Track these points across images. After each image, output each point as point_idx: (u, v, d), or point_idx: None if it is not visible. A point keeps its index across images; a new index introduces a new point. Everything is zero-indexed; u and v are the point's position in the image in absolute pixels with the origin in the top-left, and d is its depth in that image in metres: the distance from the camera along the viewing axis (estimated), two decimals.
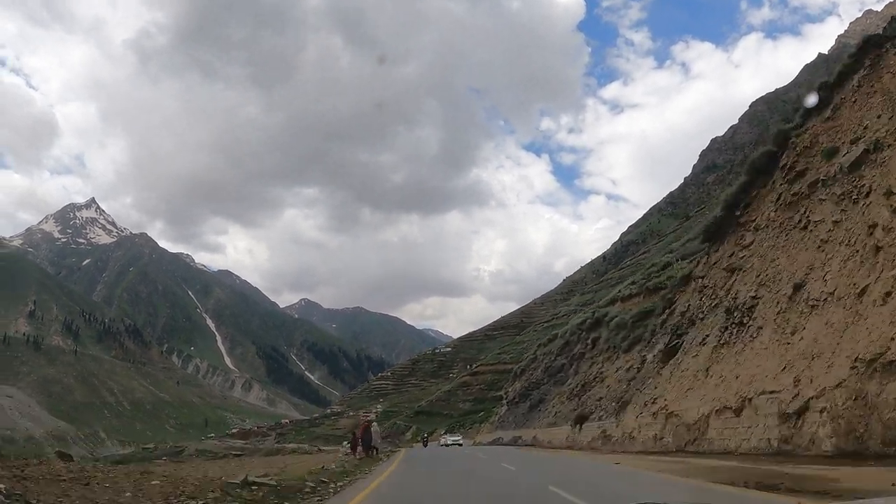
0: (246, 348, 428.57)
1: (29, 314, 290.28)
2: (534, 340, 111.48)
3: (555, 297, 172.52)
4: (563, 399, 41.07)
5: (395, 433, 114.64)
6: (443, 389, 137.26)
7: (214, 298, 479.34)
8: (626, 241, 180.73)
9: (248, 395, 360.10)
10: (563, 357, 49.00)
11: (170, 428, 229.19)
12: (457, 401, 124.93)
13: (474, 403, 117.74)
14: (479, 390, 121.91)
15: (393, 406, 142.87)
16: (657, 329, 29.24)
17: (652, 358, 27.33)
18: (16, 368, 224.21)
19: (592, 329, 43.14)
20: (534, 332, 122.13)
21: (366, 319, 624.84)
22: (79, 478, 9.60)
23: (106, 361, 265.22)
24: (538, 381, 53.02)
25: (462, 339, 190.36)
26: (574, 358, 44.77)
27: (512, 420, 57.00)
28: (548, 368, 51.72)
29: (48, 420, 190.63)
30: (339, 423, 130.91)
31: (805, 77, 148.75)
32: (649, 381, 26.33)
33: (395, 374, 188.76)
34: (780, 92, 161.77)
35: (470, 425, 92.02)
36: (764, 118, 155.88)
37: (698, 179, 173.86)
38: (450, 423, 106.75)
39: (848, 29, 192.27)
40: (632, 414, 26.04)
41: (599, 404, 31.21)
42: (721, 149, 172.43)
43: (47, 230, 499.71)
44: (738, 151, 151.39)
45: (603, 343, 38.32)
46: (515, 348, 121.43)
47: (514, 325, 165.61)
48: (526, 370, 62.41)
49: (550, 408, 43.57)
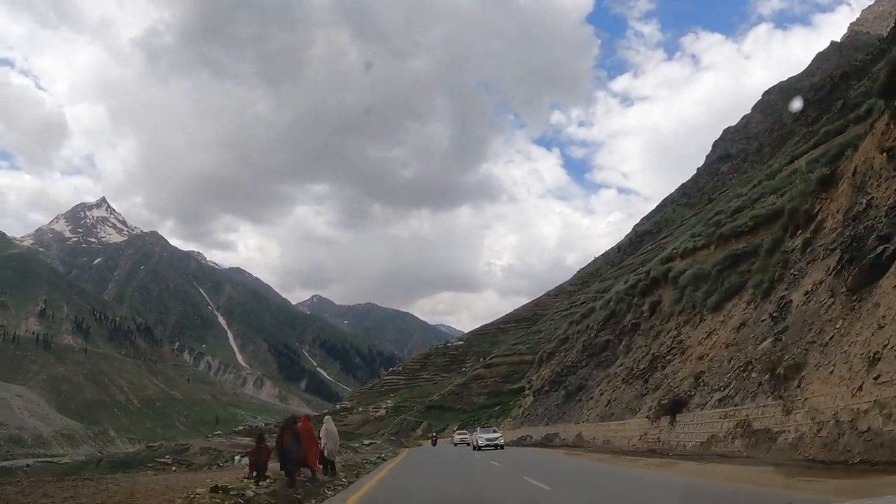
0: (258, 345, 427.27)
1: (39, 313, 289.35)
2: (552, 329, 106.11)
3: (569, 289, 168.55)
4: (615, 383, 32.17)
5: (405, 430, 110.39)
6: (455, 383, 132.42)
7: (226, 296, 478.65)
8: (640, 232, 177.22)
9: (260, 392, 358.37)
10: (606, 332, 40.85)
11: (180, 426, 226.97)
12: (470, 395, 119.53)
13: (489, 397, 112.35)
14: (494, 383, 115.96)
15: (403, 401, 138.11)
16: (797, 256, 18.29)
17: (826, 291, 14.57)
18: (25, 367, 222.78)
19: (647, 292, 35.10)
20: (550, 322, 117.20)
21: (377, 315, 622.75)
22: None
23: (116, 359, 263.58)
24: (574, 365, 43.95)
25: (474, 332, 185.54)
26: (624, 331, 36.51)
27: (542, 413, 46.69)
28: (587, 348, 43.08)
29: (57, 419, 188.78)
30: (347, 420, 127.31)
31: (818, 66, 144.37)
32: (827, 330, 13.76)
33: (407, 369, 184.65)
34: (792, 81, 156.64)
35: (486, 420, 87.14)
36: (777, 107, 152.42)
37: (712, 169, 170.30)
38: (463, 418, 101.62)
39: (860, 16, 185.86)
40: (821, 386, 12.75)
41: (696, 385, 20.53)
42: (734, 139, 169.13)
43: (58, 230, 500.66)
44: (752, 141, 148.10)
45: (669, 306, 29.97)
46: (532, 338, 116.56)
47: (528, 318, 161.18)
48: (555, 353, 54.10)
49: (597, 395, 34.59)
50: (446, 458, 29.53)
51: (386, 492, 14.27)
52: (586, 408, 35.32)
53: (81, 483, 18.53)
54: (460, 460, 26.70)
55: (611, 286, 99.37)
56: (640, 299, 36.01)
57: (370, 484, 16.10)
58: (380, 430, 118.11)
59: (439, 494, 13.36)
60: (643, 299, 35.54)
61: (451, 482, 16.07)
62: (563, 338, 53.73)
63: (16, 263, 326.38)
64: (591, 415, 33.45)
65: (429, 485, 15.95)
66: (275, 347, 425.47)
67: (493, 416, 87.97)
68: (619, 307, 40.37)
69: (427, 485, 15.99)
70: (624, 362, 33.02)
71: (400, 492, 14.18)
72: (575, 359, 44.80)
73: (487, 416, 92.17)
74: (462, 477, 17.58)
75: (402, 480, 17.67)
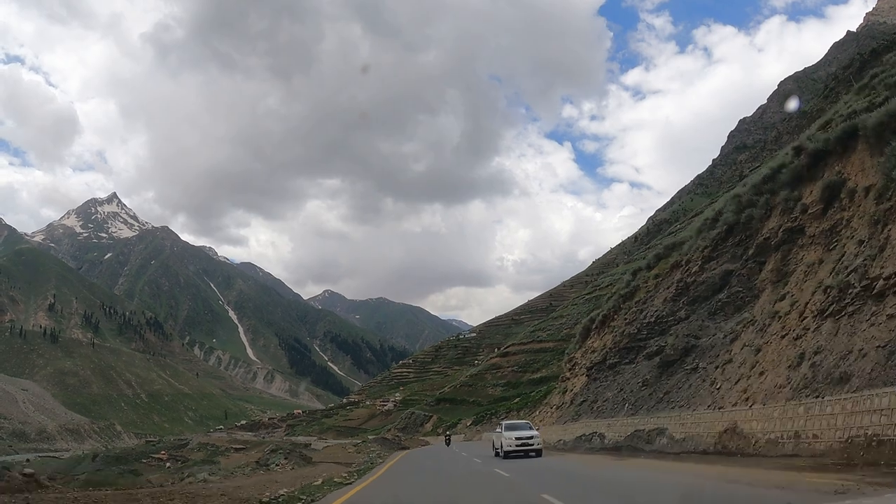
0: (268, 340, 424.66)
1: (48, 308, 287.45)
2: (573, 315, 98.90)
3: (584, 280, 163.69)
4: (774, 332, 19.11)
5: (413, 424, 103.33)
6: (468, 374, 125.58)
7: (237, 290, 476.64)
8: (658, 221, 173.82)
9: (271, 386, 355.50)
10: (724, 259, 26.68)
11: (188, 420, 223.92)
12: (485, 386, 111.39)
13: (506, 388, 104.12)
14: (511, 373, 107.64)
15: (413, 394, 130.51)
16: None
17: None
18: (32, 361, 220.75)
19: (811, 175, 21.52)
20: (573, 307, 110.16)
21: (389, 310, 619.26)
22: None
23: (124, 353, 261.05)
24: (662, 320, 30.00)
25: (487, 324, 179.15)
26: (764, 249, 23.53)
27: (618, 399, 30.32)
28: (685, 290, 28.88)
29: (62, 413, 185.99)
30: (353, 414, 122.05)
31: (834, 55, 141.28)
32: None
33: (417, 362, 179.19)
34: (809, 70, 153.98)
35: (504, 414, 79.87)
36: (794, 96, 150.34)
37: (728, 160, 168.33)
38: (477, 411, 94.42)
39: (877, 6, 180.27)
40: None
41: None
42: (750, 129, 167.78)
43: (69, 225, 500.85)
44: (769, 131, 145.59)
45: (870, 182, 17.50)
46: (552, 325, 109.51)
47: (543, 309, 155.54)
48: (615, 313, 38.57)
49: (740, 357, 20.52)
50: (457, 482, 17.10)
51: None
52: (721, 380, 20.69)
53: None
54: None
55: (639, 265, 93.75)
56: (794, 190, 22.36)
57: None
58: (385, 425, 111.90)
59: None
60: (800, 188, 22.06)
61: None
62: (625, 293, 38.46)
63: (25, 258, 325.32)
64: (734, 391, 19.12)
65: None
66: (285, 342, 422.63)
67: (513, 409, 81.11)
68: (747, 215, 25.76)
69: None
70: (778, 297, 20.46)
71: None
72: (662, 311, 30.56)
73: (505, 408, 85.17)
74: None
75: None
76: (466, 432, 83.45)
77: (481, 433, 75.48)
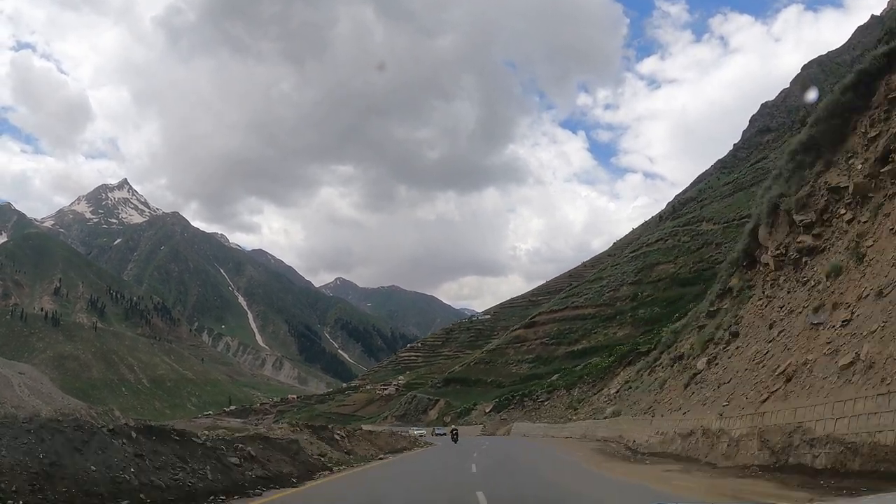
0: (278, 326, 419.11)
1: (54, 292, 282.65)
2: (617, 276, 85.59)
3: (606, 259, 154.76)
4: None
5: (415, 410, 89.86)
6: (485, 349, 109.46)
7: (247, 277, 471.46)
8: (683, 199, 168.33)
9: (279, 373, 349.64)
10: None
11: (190, 406, 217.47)
12: (506, 363, 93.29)
13: (535, 364, 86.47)
14: (541, 346, 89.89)
15: (418, 378, 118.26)
16: None
17: None
18: (32, 345, 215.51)
19: None
20: (615, 267, 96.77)
21: (401, 298, 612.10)
22: None
23: (127, 338, 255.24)
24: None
25: (502, 305, 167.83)
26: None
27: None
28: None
29: (59, 398, 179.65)
30: (349, 400, 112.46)
31: (859, 39, 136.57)
32: None
33: (426, 345, 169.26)
34: (832, 55, 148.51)
35: (532, 400, 63.71)
36: (818, 81, 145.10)
37: (750, 143, 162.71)
38: (499, 394, 77.88)
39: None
40: None
41: None
42: (773, 113, 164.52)
43: (79, 211, 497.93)
44: (792, 114, 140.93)
45: None
46: (590, 289, 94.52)
47: (563, 290, 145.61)
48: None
49: None
50: None
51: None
52: None
53: None
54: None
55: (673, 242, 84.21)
56: None
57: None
58: (383, 412, 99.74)
59: None
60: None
61: None
62: None
63: (32, 243, 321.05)
64: None
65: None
66: (295, 329, 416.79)
67: (557, 388, 62.40)
68: None
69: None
70: None
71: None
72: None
73: (544, 387, 66.72)
74: None
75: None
76: (486, 421, 68.50)
77: (509, 423, 61.09)
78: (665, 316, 60.90)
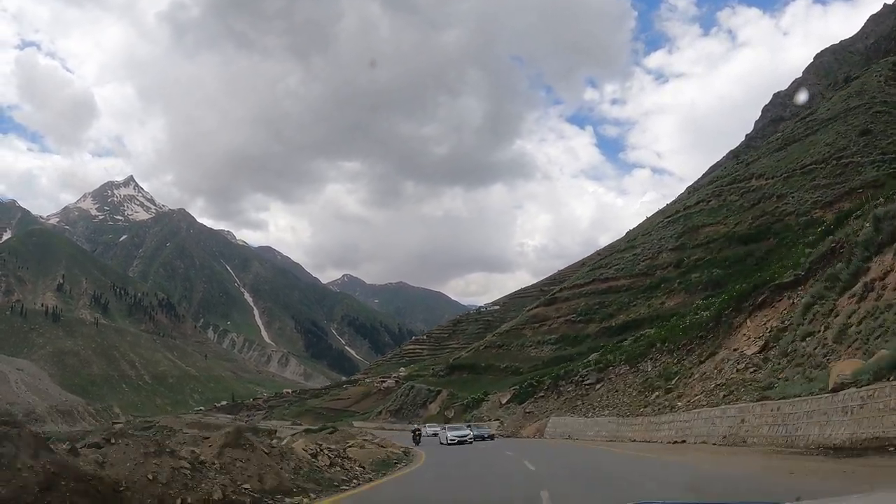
0: (284, 323, 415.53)
1: (57, 288, 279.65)
2: (653, 243, 76.61)
3: (620, 248, 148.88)
4: None
5: (413, 403, 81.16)
6: (495, 332, 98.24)
7: (253, 273, 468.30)
8: (696, 187, 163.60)
9: (285, 369, 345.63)
10: None
11: (192, 402, 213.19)
12: (524, 345, 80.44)
13: (560, 345, 73.92)
14: (566, 324, 77.09)
15: (421, 369, 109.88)
16: None
17: None
18: (32, 341, 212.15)
19: None
20: (647, 236, 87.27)
21: (408, 294, 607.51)
22: None
23: (129, 334, 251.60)
24: None
25: (512, 295, 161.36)
26: None
27: None
28: None
29: (57, 394, 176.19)
30: (344, 394, 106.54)
31: (872, 28, 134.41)
32: None
33: (433, 337, 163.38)
34: (846, 43, 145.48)
35: (575, 385, 44.27)
36: (831, 70, 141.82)
37: (764, 133, 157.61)
38: (514, 382, 63.19)
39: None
40: None
41: None
42: (785, 103, 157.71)
43: (84, 208, 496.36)
44: (806, 104, 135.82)
45: None
46: (621, 258, 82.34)
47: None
48: None
49: None
50: None
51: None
52: None
53: None
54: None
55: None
56: None
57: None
58: (378, 407, 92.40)
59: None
60: None
61: None
62: None
63: (36, 240, 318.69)
64: None
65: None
66: (302, 325, 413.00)
67: (608, 365, 42.98)
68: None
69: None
70: None
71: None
72: None
73: (561, 373, 50.54)
74: None
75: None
76: (503, 416, 54.40)
77: (538, 417, 44.11)
78: (730, 277, 53.76)
